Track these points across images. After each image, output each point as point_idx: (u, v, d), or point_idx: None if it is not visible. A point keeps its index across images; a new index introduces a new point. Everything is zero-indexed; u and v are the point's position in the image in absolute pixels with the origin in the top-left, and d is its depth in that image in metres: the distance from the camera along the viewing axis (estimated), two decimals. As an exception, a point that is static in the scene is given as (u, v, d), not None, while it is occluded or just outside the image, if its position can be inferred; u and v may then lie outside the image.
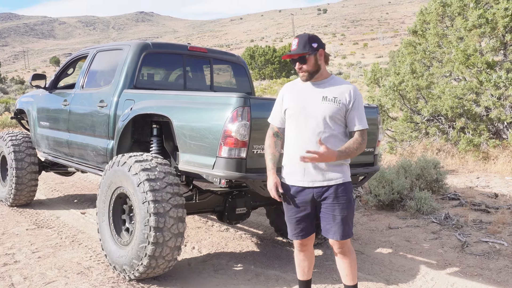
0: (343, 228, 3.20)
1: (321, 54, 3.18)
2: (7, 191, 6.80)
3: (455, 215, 6.20)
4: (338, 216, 3.19)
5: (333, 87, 3.19)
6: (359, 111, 3.17)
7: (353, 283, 3.41)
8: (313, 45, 3.15)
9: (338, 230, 3.21)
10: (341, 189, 3.17)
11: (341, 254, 3.34)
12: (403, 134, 10.75)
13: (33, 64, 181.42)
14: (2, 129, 18.07)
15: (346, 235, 3.22)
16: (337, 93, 3.16)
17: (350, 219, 3.24)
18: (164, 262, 3.93)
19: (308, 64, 3.15)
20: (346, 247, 3.31)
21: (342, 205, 3.17)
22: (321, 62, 3.20)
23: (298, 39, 3.18)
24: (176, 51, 5.43)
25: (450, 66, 10.19)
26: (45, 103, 6.39)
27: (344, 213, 3.18)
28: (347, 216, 3.20)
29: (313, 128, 3.14)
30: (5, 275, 4.30)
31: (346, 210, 3.19)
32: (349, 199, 3.20)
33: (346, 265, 3.37)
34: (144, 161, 4.01)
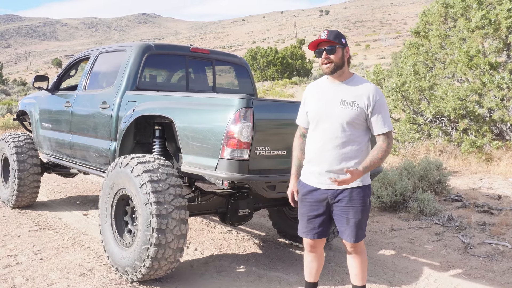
0: (356, 231, 3.21)
1: (347, 52, 3.18)
2: (9, 192, 6.80)
3: (458, 216, 6.17)
4: (352, 219, 3.18)
5: (353, 88, 3.13)
6: (381, 114, 3.09)
7: (362, 283, 3.42)
8: (342, 40, 3.14)
9: (351, 233, 3.21)
10: (356, 192, 3.15)
11: (354, 253, 3.36)
12: (406, 135, 10.73)
13: (35, 65, 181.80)
14: (4, 130, 18.08)
15: (359, 238, 3.24)
16: (356, 95, 3.10)
17: (364, 222, 3.24)
18: (166, 263, 3.92)
19: (336, 55, 3.12)
20: (359, 248, 3.33)
21: (356, 208, 3.16)
22: (346, 60, 3.18)
23: (328, 32, 3.14)
24: (178, 53, 5.43)
25: (453, 67, 10.16)
26: (48, 104, 6.39)
27: (358, 217, 3.17)
28: (361, 219, 3.19)
29: (330, 132, 3.13)
30: (7, 277, 4.29)
31: (361, 214, 3.17)
32: (364, 202, 3.18)
33: (357, 265, 3.38)
34: (147, 163, 4.00)
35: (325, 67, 3.14)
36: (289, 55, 48.53)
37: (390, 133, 3.13)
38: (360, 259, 3.37)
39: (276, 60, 47.22)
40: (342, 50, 3.13)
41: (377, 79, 11.82)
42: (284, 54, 48.22)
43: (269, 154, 3.71)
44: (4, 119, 18.91)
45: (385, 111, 3.11)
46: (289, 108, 3.80)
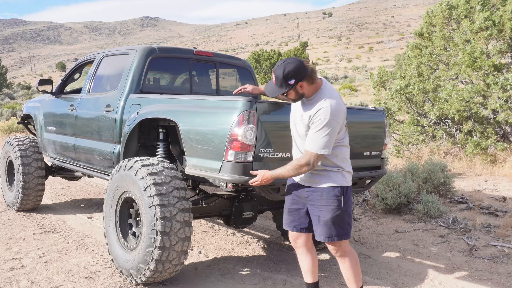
0: (326, 230, 3.30)
1: (302, 86, 3.21)
2: (14, 195, 6.83)
3: (463, 218, 6.15)
4: (322, 218, 3.29)
5: (312, 106, 3.23)
6: (314, 132, 3.15)
7: (356, 286, 3.43)
8: (290, 82, 3.18)
9: (322, 232, 3.32)
10: (326, 191, 3.27)
11: (338, 256, 3.43)
12: (410, 137, 10.71)
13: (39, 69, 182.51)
14: (9, 134, 18.15)
15: (329, 237, 3.31)
16: (309, 113, 3.22)
17: (337, 223, 3.30)
18: (170, 266, 3.92)
19: (290, 96, 3.26)
20: (340, 249, 3.39)
21: (326, 207, 3.27)
22: (303, 90, 3.23)
23: (275, 76, 3.23)
24: (182, 56, 5.43)
25: (457, 69, 10.14)
26: (52, 108, 6.41)
27: (327, 216, 3.27)
28: (332, 219, 3.27)
29: (297, 144, 3.42)
30: (12, 280, 4.30)
31: (330, 213, 3.26)
32: (335, 202, 3.26)
33: (345, 268, 3.44)
34: (151, 165, 4.01)
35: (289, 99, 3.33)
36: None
37: (311, 155, 3.15)
38: (348, 262, 3.41)
39: (279, 62, 47.21)
40: (294, 90, 3.21)
41: (381, 81, 11.82)
42: (288, 57, 48.22)
43: (273, 157, 3.71)
44: (9, 123, 18.99)
45: (319, 132, 3.13)
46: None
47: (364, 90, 32.90)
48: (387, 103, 11.05)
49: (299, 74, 3.17)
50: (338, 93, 3.29)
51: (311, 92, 3.25)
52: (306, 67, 3.20)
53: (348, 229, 3.34)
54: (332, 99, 3.16)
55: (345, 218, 3.32)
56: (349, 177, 3.36)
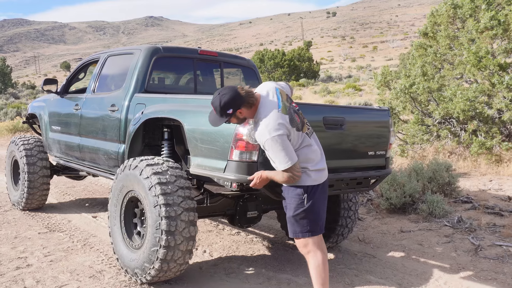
0: (290, 226, 3.45)
1: (241, 112, 3.33)
2: (19, 195, 6.85)
3: (468, 218, 6.13)
4: (287, 214, 3.45)
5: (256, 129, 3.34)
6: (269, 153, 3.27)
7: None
8: (228, 112, 3.31)
9: (288, 228, 3.48)
10: (290, 190, 3.38)
11: (304, 254, 3.50)
12: (414, 137, 10.67)
13: (44, 69, 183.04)
14: (14, 133, 18.22)
15: (293, 233, 3.44)
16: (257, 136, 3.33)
17: (298, 222, 3.39)
18: (175, 265, 3.93)
19: (233, 122, 3.44)
20: (302, 247, 3.47)
21: (288, 205, 3.42)
22: (244, 115, 3.36)
23: (213, 108, 3.36)
24: (187, 55, 5.44)
25: (462, 69, 10.10)
26: (57, 107, 6.43)
27: (290, 213, 3.41)
28: (293, 217, 3.39)
29: None
30: (18, 279, 4.32)
31: (292, 211, 3.39)
32: (295, 202, 3.37)
33: (309, 267, 3.48)
34: (156, 165, 4.02)
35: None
36: (296, 57, 48.53)
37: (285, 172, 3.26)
38: (311, 263, 3.45)
39: (283, 62, 47.24)
40: (234, 117, 3.35)
41: (385, 81, 11.79)
42: (291, 56, 48.22)
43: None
44: (14, 122, 19.07)
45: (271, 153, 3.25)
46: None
47: (368, 90, 32.83)
48: (392, 102, 11.02)
49: (235, 103, 3.29)
50: (276, 105, 3.30)
51: (253, 114, 3.37)
52: (241, 95, 3.29)
53: (313, 226, 3.39)
54: (266, 118, 3.25)
55: (308, 216, 3.37)
56: (316, 175, 3.38)
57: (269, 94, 3.38)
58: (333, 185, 4.12)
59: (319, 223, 3.43)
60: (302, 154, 3.34)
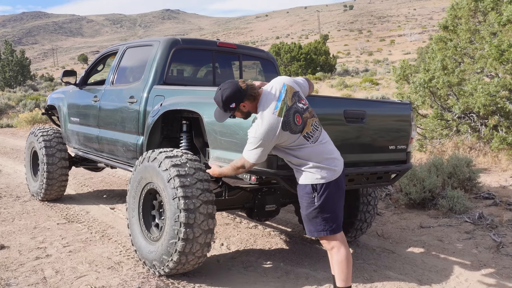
0: (306, 225, 3.41)
1: (244, 106, 3.33)
2: (38, 185, 6.91)
3: (489, 214, 6.03)
4: (302, 213, 3.42)
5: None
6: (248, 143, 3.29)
7: (342, 285, 3.41)
8: (231, 106, 3.31)
9: (305, 226, 3.45)
10: (301, 189, 3.36)
11: (328, 250, 3.46)
12: (434, 132, 10.52)
13: (61, 61, 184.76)
14: (33, 125, 18.42)
15: (310, 232, 3.40)
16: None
17: (312, 219, 3.35)
18: (193, 258, 3.92)
19: (238, 116, 3.45)
20: (325, 244, 3.43)
21: (302, 204, 3.39)
22: (248, 109, 3.36)
23: (216, 103, 3.40)
24: (206, 47, 5.41)
25: (483, 62, 9.92)
26: (76, 99, 6.46)
27: (303, 212, 3.39)
28: (306, 215, 3.37)
29: None
30: (37, 269, 4.35)
31: (304, 210, 3.37)
32: (307, 200, 3.33)
33: (332, 263, 3.45)
34: (174, 157, 4.00)
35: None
36: (313, 50, 48.26)
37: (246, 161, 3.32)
38: (334, 259, 3.41)
39: (299, 55, 47.02)
40: (238, 111, 3.37)
41: (404, 74, 11.63)
42: (308, 50, 47.95)
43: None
44: (33, 114, 19.26)
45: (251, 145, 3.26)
46: (317, 102, 3.74)
47: (385, 84, 32.52)
48: (410, 97, 10.87)
49: (237, 97, 3.29)
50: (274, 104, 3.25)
51: (256, 107, 3.35)
52: (243, 88, 3.28)
53: (327, 225, 3.33)
54: (261, 119, 3.24)
55: (321, 215, 3.31)
56: (325, 173, 3.29)
57: (272, 91, 3.32)
58: (353, 179, 4.07)
59: (336, 221, 3.36)
60: (303, 152, 3.29)
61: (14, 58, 45.12)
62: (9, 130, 18.98)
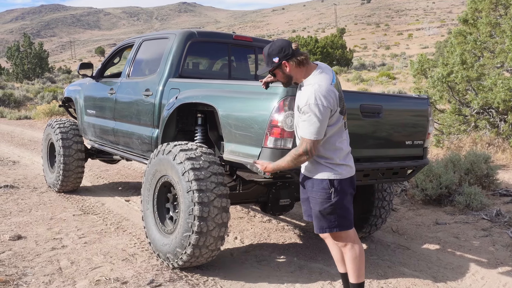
0: (317, 222, 3.31)
1: (286, 66, 3.20)
2: (55, 177, 6.98)
3: (507, 212, 5.93)
4: (313, 209, 3.31)
5: (301, 92, 3.21)
6: (304, 120, 3.11)
7: (355, 281, 3.38)
8: (274, 60, 3.20)
9: (315, 223, 3.35)
10: (316, 183, 3.24)
11: (341, 247, 3.40)
12: (451, 127, 10.39)
13: (79, 54, 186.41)
14: (50, 117, 18.60)
15: (320, 229, 3.31)
16: (299, 98, 3.20)
17: (325, 217, 3.26)
18: (207, 251, 3.93)
19: (278, 76, 3.29)
20: (338, 240, 3.36)
21: (314, 199, 3.27)
22: (290, 72, 3.22)
23: (263, 54, 3.27)
24: (221, 40, 5.39)
25: (503, 57, 9.74)
26: (92, 91, 6.49)
27: (316, 208, 3.27)
28: (320, 211, 3.26)
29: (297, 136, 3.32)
30: (53, 259, 4.40)
31: (318, 206, 3.25)
32: (322, 196, 3.22)
33: (346, 260, 3.41)
34: (189, 150, 4.00)
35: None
36: (329, 44, 47.94)
37: (307, 142, 3.10)
38: (347, 255, 3.36)
39: (316, 49, 46.74)
40: (279, 69, 3.23)
41: (422, 69, 11.48)
42: (324, 43, 47.65)
43: (313, 144, 3.63)
44: (50, 106, 19.46)
45: (309, 117, 3.07)
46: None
47: (402, 78, 32.18)
48: (428, 91, 10.73)
49: (283, 53, 3.17)
50: (330, 78, 3.17)
51: (301, 76, 3.23)
52: (291, 47, 3.18)
53: (341, 221, 3.27)
54: (319, 83, 3.10)
55: (336, 211, 3.24)
56: (343, 170, 3.23)
57: (325, 68, 3.26)
58: (369, 174, 4.02)
59: (349, 217, 3.32)
60: (332, 142, 3.20)
61: (33, 50, 45.66)
62: (27, 122, 19.21)
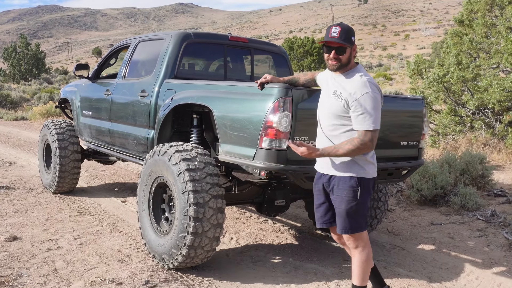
0: (341, 222, 3.25)
1: (354, 49, 3.23)
2: (51, 178, 6.98)
3: (502, 212, 5.96)
4: (338, 208, 3.24)
5: (347, 81, 3.19)
6: (360, 110, 3.06)
7: (358, 283, 3.37)
8: (352, 39, 3.19)
9: (338, 223, 3.28)
10: (342, 181, 3.20)
11: (352, 248, 3.37)
12: (447, 128, 10.42)
13: (76, 55, 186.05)
14: (47, 117, 18.57)
15: (343, 230, 3.26)
16: (345, 88, 3.16)
17: (350, 216, 3.21)
18: (202, 252, 3.93)
19: (345, 56, 3.18)
20: (352, 243, 3.33)
21: (340, 198, 3.20)
22: (350, 57, 3.22)
23: (340, 28, 3.16)
24: (217, 41, 5.40)
25: (499, 58, 9.78)
26: (88, 92, 6.49)
27: (342, 206, 3.20)
28: (346, 210, 3.20)
29: (323, 122, 3.29)
30: (49, 260, 4.40)
31: (343, 204, 3.19)
32: (349, 194, 3.18)
33: (354, 262, 3.39)
34: (185, 151, 4.01)
35: (330, 63, 3.22)
36: (327, 45, 48.00)
37: (368, 132, 3.06)
38: (358, 258, 3.34)
39: (313, 50, 46.84)
40: (350, 49, 3.20)
41: (418, 69, 11.51)
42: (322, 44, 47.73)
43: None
44: (47, 107, 19.43)
45: (365, 108, 3.05)
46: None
47: (399, 79, 32.22)
48: (424, 92, 10.77)
49: (354, 38, 3.20)
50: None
51: (349, 67, 3.23)
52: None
53: (362, 222, 3.26)
54: (369, 76, 3.17)
55: (360, 211, 3.23)
56: (370, 169, 3.23)
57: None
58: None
59: (367, 218, 3.34)
60: None
61: (30, 51, 45.58)
62: (23, 123, 19.18)
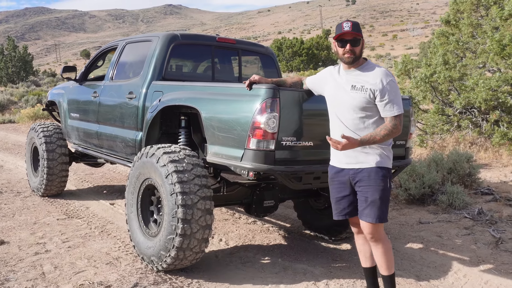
0: (375, 211, 3.26)
1: (362, 43, 3.34)
2: (38, 181, 6.93)
3: (488, 210, 6.02)
4: (369, 198, 3.26)
5: (364, 74, 3.29)
6: (388, 97, 3.19)
7: (388, 273, 3.43)
8: (361, 33, 3.33)
9: (370, 213, 3.28)
10: (374, 172, 3.25)
11: (373, 241, 3.38)
12: (434, 127, 10.50)
13: (64, 57, 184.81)
14: (34, 120, 18.44)
15: (377, 218, 3.27)
16: (365, 80, 3.25)
17: (383, 204, 3.28)
18: (191, 254, 3.93)
19: (358, 48, 3.29)
20: (377, 233, 3.34)
21: (373, 187, 3.25)
22: (361, 50, 3.34)
23: (352, 23, 3.29)
24: (205, 43, 5.40)
25: (485, 57, 9.88)
26: (76, 95, 6.46)
27: (375, 196, 3.24)
28: (379, 199, 3.25)
29: (344, 117, 3.32)
30: (36, 264, 4.37)
31: (378, 193, 3.24)
32: (383, 183, 3.26)
33: (378, 254, 3.41)
34: (172, 153, 4.00)
35: (346, 56, 3.29)
36: (315, 45, 48.22)
37: (398, 117, 3.21)
38: (382, 248, 3.38)
39: (301, 50, 46.97)
40: (362, 41, 3.33)
41: (405, 69, 11.58)
42: (310, 45, 47.91)
43: (296, 145, 3.66)
44: (34, 110, 19.29)
45: (393, 95, 3.20)
46: (316, 98, 3.73)
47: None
48: (412, 91, 10.85)
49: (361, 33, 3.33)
50: None
51: (360, 61, 3.34)
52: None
53: (386, 213, 3.34)
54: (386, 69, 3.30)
55: (389, 200, 3.35)
56: (391, 159, 3.38)
57: None
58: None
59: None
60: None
61: (17, 53, 45.17)
62: (11, 126, 19.02)
